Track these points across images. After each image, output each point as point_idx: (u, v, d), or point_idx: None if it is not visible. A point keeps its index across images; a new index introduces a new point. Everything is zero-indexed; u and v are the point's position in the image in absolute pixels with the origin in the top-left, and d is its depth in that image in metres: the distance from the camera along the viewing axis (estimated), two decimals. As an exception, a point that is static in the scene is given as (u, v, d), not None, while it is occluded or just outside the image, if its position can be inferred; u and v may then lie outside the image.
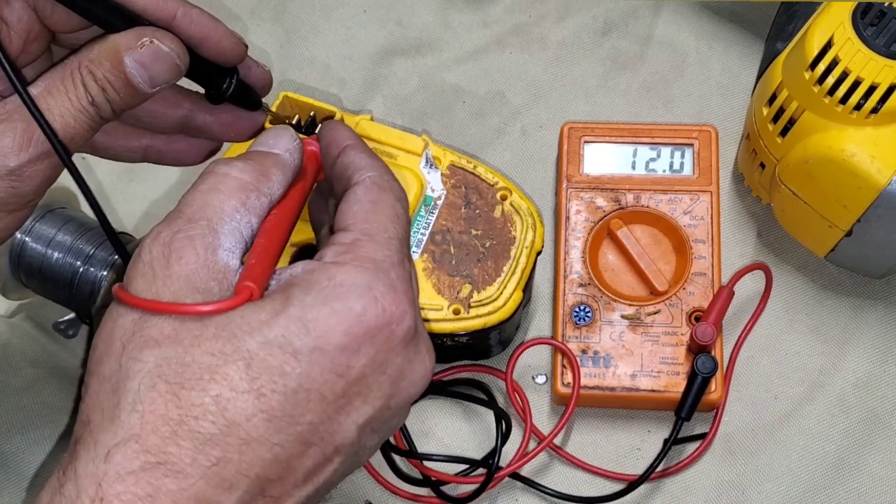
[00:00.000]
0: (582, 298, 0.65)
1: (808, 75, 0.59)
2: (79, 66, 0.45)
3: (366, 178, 0.46)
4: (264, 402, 0.39)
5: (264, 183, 0.44)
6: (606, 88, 0.75)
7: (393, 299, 0.42)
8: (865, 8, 0.58)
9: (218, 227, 0.42)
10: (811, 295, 0.68)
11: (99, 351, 0.41)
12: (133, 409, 0.38)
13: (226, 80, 0.51)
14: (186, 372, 0.39)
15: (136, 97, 0.46)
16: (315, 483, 0.41)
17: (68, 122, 0.45)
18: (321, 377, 0.40)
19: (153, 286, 0.40)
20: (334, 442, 0.41)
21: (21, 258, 0.64)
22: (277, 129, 0.47)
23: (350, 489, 0.64)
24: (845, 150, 0.59)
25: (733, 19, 0.76)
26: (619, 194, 0.67)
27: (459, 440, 0.65)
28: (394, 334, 0.42)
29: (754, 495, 0.63)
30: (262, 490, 0.39)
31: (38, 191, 0.46)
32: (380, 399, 0.42)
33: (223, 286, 0.41)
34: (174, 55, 0.46)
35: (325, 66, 0.76)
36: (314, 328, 0.40)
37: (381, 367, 0.42)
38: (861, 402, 0.65)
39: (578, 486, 0.64)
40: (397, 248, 0.44)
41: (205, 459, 0.38)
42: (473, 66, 0.76)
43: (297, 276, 0.42)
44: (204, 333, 0.39)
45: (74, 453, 0.39)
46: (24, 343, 0.68)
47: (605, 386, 0.63)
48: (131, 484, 0.37)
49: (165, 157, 0.55)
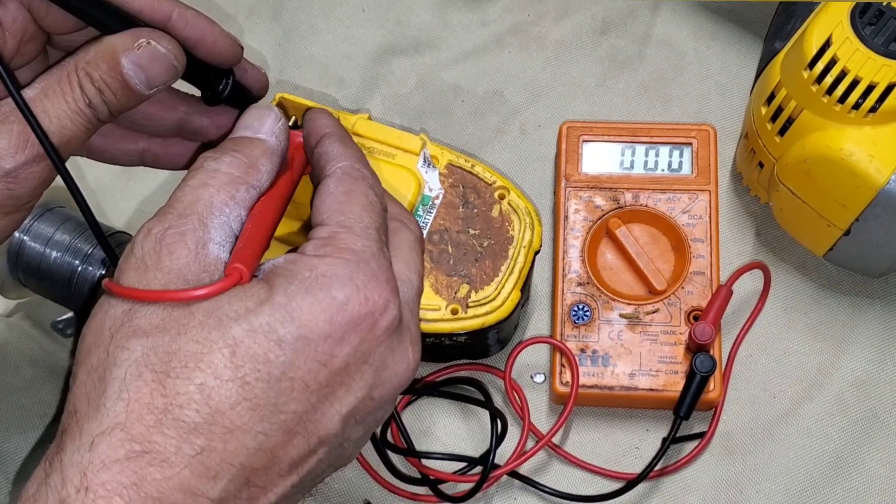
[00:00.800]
0: (580, 297, 0.65)
1: (807, 74, 0.59)
2: (76, 68, 0.45)
3: (336, 168, 0.46)
4: (248, 390, 0.39)
5: (253, 175, 0.45)
6: (605, 88, 0.75)
7: (375, 288, 0.42)
8: (864, 7, 0.58)
9: (208, 222, 0.42)
10: (810, 294, 0.68)
11: (88, 341, 0.41)
12: (118, 397, 0.38)
13: (222, 81, 0.51)
14: (172, 360, 0.39)
15: (134, 99, 0.46)
16: (300, 473, 0.42)
17: (65, 124, 0.45)
18: (305, 366, 0.40)
19: (144, 279, 0.41)
20: (318, 432, 0.41)
21: (19, 257, 0.64)
22: (261, 110, 0.48)
23: (349, 489, 0.64)
24: (844, 149, 0.59)
25: (732, 18, 0.76)
26: (617, 193, 0.67)
27: (458, 439, 0.65)
28: (377, 324, 0.42)
29: (753, 494, 0.63)
30: (246, 479, 0.40)
31: (35, 193, 0.46)
32: (362, 389, 0.42)
33: (214, 278, 0.41)
34: (171, 56, 0.46)
35: (323, 65, 0.76)
36: (298, 317, 0.40)
37: (364, 357, 0.42)
38: (859, 401, 0.65)
39: (577, 484, 0.64)
40: (375, 237, 0.44)
41: (189, 448, 0.38)
42: (472, 65, 0.76)
43: (280, 267, 0.42)
44: (191, 321, 0.40)
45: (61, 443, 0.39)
46: (22, 342, 0.68)
47: (603, 385, 0.63)
48: (116, 472, 0.37)
49: (162, 161, 0.55)
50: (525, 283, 0.61)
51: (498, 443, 0.62)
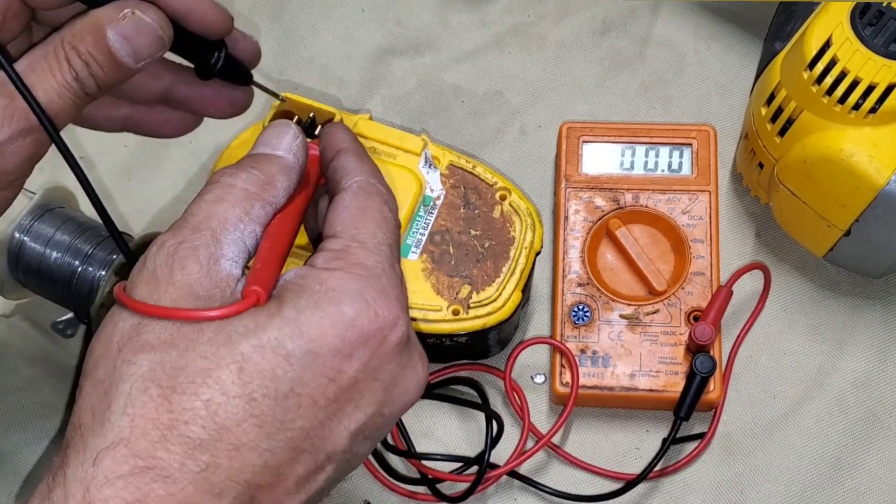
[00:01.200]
0: (580, 298, 0.65)
1: (807, 75, 0.59)
2: (62, 42, 0.45)
3: (352, 182, 0.46)
4: (255, 406, 0.39)
5: (269, 192, 0.44)
6: (605, 88, 0.75)
7: (385, 304, 0.42)
8: (864, 8, 0.58)
9: (221, 237, 0.42)
10: (810, 294, 0.68)
11: (95, 354, 0.40)
12: (124, 412, 0.38)
13: (213, 54, 0.50)
14: (180, 376, 0.39)
15: (121, 72, 0.46)
16: (307, 492, 0.41)
17: (52, 98, 0.45)
18: (313, 381, 0.40)
19: (155, 293, 0.41)
20: (326, 449, 0.41)
21: (19, 257, 0.64)
22: (279, 127, 0.47)
23: (349, 488, 0.64)
24: (844, 149, 0.59)
25: (732, 19, 0.76)
26: (617, 194, 0.67)
27: (458, 440, 0.65)
28: (387, 340, 0.42)
29: (753, 495, 0.63)
30: (251, 497, 0.39)
31: (22, 170, 0.46)
32: (372, 406, 0.42)
33: (225, 294, 0.41)
34: (156, 26, 0.46)
35: (323, 65, 0.76)
36: (307, 331, 0.40)
37: (374, 374, 0.42)
38: (859, 401, 0.65)
39: (577, 485, 0.64)
40: (387, 253, 0.44)
41: (194, 465, 0.38)
42: (472, 65, 0.76)
43: (290, 282, 0.42)
44: (200, 338, 0.39)
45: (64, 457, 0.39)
46: (22, 342, 0.67)
47: (603, 385, 0.63)
48: (119, 488, 0.37)
49: (145, 128, 0.54)
50: (526, 284, 0.61)
51: (493, 444, 0.62)
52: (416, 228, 0.61)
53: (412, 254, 0.60)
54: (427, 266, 0.60)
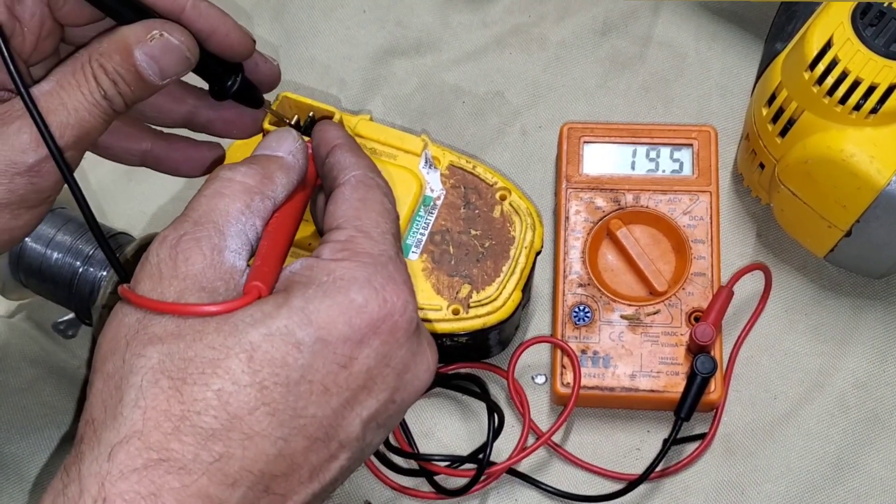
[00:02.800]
0: (581, 299, 0.65)
1: (808, 75, 0.59)
2: (89, 60, 0.45)
3: (351, 176, 0.46)
4: (267, 394, 0.39)
5: (268, 186, 0.44)
6: (606, 89, 0.75)
7: (393, 290, 0.42)
8: (865, 8, 0.58)
9: (224, 230, 0.42)
10: (810, 295, 0.68)
11: (104, 349, 0.41)
12: (135, 405, 0.38)
13: (231, 77, 0.50)
14: (189, 367, 0.39)
15: (147, 90, 0.47)
16: (321, 481, 0.41)
17: (83, 116, 0.45)
18: (324, 368, 0.40)
19: (159, 286, 0.41)
20: (339, 437, 0.41)
21: (21, 258, 0.64)
22: (280, 133, 0.48)
23: (349, 488, 0.64)
24: (844, 150, 0.59)
25: (732, 19, 0.76)
26: (618, 194, 0.67)
27: (459, 440, 0.65)
28: (397, 325, 0.42)
29: (753, 495, 0.63)
30: (266, 487, 0.39)
31: (56, 186, 0.46)
32: (385, 392, 0.42)
33: (229, 286, 0.41)
34: (184, 48, 0.46)
35: (324, 66, 0.76)
36: (317, 319, 0.40)
37: (386, 360, 0.42)
38: (860, 402, 0.65)
39: (578, 485, 0.64)
40: (391, 242, 0.44)
41: (207, 455, 0.38)
42: (473, 66, 0.76)
43: (297, 273, 0.42)
44: (206, 328, 0.39)
45: (78, 452, 0.39)
46: (23, 343, 0.68)
47: (604, 386, 0.63)
48: (134, 482, 0.37)
49: (162, 164, 0.55)
50: (526, 284, 0.61)
51: (495, 436, 0.62)
52: (416, 228, 0.61)
53: (412, 253, 0.61)
54: (427, 266, 0.60)
